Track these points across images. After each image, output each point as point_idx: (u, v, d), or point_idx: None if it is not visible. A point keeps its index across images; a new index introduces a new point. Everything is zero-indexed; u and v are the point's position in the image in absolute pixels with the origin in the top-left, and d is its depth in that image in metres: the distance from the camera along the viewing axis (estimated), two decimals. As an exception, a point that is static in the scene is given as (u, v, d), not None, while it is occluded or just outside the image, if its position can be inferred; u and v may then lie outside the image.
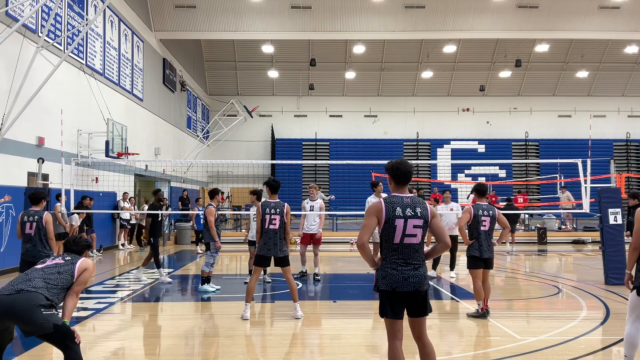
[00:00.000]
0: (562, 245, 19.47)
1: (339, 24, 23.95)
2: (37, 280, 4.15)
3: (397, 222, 4.03)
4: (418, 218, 4.07)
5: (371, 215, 4.10)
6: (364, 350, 5.99)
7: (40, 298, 4.03)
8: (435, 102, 33.49)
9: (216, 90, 33.50)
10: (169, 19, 23.36)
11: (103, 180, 15.75)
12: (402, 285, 4.00)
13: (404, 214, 4.05)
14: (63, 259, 4.54)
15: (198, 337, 6.61)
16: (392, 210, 4.05)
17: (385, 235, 4.09)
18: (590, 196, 11.01)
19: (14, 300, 3.95)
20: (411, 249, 4.07)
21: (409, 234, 4.05)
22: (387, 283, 4.03)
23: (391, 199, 4.13)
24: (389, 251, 4.09)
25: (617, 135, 33.22)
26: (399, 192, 4.20)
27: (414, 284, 4.02)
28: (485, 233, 7.29)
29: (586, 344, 6.05)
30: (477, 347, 6.19)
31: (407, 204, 4.10)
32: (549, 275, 11.64)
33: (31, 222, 7.42)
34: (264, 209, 7.27)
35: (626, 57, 30.46)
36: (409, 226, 4.04)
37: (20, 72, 11.69)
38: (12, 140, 12.04)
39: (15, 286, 4.07)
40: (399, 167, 4.20)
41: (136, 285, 10.33)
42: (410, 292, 4.02)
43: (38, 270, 4.32)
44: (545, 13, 23.98)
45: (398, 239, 4.04)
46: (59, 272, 4.33)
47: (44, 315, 3.97)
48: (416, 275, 4.03)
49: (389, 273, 4.04)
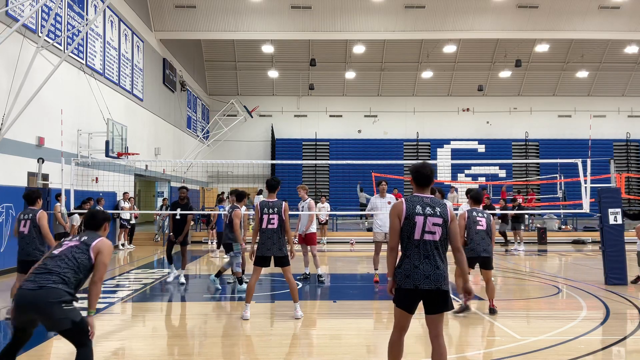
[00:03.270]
0: (562, 245, 19.47)
1: (339, 24, 23.95)
2: (55, 274, 4.08)
3: (417, 218, 4.20)
4: (438, 217, 4.22)
5: (393, 216, 4.29)
6: (364, 350, 5.99)
7: (61, 293, 4.01)
8: (435, 102, 33.49)
9: (216, 90, 33.50)
10: (169, 19, 23.36)
11: (103, 180, 15.75)
12: (423, 283, 4.12)
13: (423, 212, 4.22)
14: (79, 239, 4.38)
15: (198, 337, 6.61)
16: (412, 207, 4.24)
17: (406, 231, 4.22)
18: (590, 196, 11.00)
19: (35, 296, 3.97)
20: (431, 246, 4.19)
21: (429, 230, 4.19)
22: (410, 282, 4.15)
23: (412, 198, 4.33)
24: (410, 247, 4.21)
25: (617, 135, 33.23)
26: (420, 193, 4.38)
27: (435, 282, 4.13)
28: (484, 232, 7.49)
29: (586, 344, 6.05)
30: (477, 347, 6.19)
31: (427, 203, 4.28)
32: (549, 275, 11.64)
33: (25, 220, 7.35)
34: (262, 209, 7.25)
35: (626, 57, 30.46)
36: (428, 223, 4.19)
37: (20, 72, 11.69)
38: (12, 140, 12.04)
39: (38, 281, 4.04)
40: (420, 170, 4.40)
41: (136, 285, 10.33)
42: (431, 290, 4.13)
43: (55, 259, 4.19)
44: (545, 13, 23.98)
45: (418, 235, 4.18)
46: (75, 258, 4.22)
47: (63, 312, 3.98)
48: (437, 274, 4.14)
49: (411, 272, 4.15)
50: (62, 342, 6.24)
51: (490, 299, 7.60)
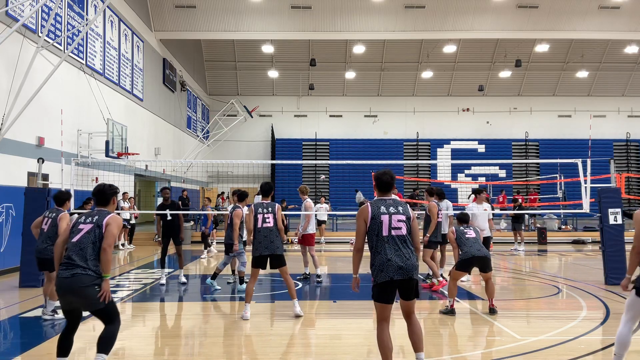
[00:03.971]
0: (562, 245, 19.47)
1: (339, 24, 23.94)
2: (82, 259, 4.55)
3: (383, 217, 4.66)
4: (401, 214, 4.71)
5: (359, 219, 4.76)
6: (364, 350, 5.98)
7: (92, 277, 4.53)
8: (435, 102, 33.49)
9: (216, 90, 33.50)
10: (169, 19, 23.36)
11: (103, 180, 15.70)
12: (397, 274, 4.54)
13: (388, 211, 4.69)
14: (91, 221, 4.72)
15: (198, 337, 6.61)
16: (377, 209, 4.71)
17: (374, 230, 4.66)
18: (590, 196, 11.00)
19: (70, 282, 4.49)
20: (400, 239, 4.63)
21: (395, 226, 4.65)
22: (385, 275, 4.54)
23: (376, 201, 4.82)
24: (380, 244, 4.63)
25: (617, 135, 33.23)
26: (383, 197, 4.87)
27: (407, 272, 4.56)
28: (474, 238, 7.73)
29: (586, 344, 6.05)
30: (477, 347, 6.19)
31: (390, 204, 4.78)
32: (549, 275, 11.64)
33: (48, 219, 7.49)
34: (257, 209, 7.34)
35: (626, 57, 30.47)
36: (393, 220, 4.65)
37: (20, 72, 11.69)
38: (12, 140, 12.04)
39: (70, 269, 4.52)
40: (381, 177, 4.90)
41: (136, 285, 10.33)
42: (404, 280, 4.56)
43: (77, 245, 4.60)
44: (545, 13, 23.98)
45: (386, 231, 4.63)
46: (93, 243, 4.62)
47: (96, 293, 4.53)
48: (408, 264, 4.57)
49: (385, 265, 4.55)
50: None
51: (490, 299, 7.62)
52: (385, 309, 4.61)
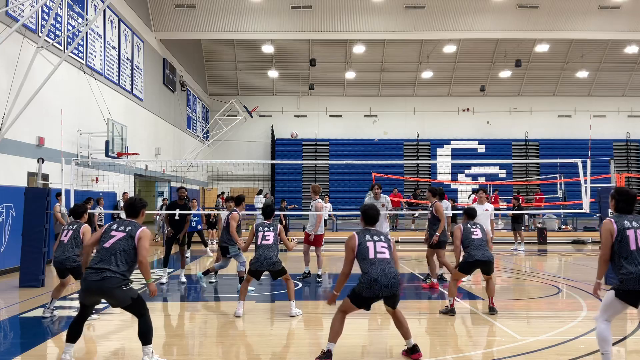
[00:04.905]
0: (562, 245, 19.46)
1: (339, 24, 23.95)
2: (112, 264, 5.05)
3: (368, 244, 5.38)
4: (383, 242, 5.45)
5: (348, 249, 5.43)
6: (364, 350, 5.98)
7: (119, 279, 5.03)
8: (435, 102, 33.49)
9: (216, 90, 33.50)
10: (169, 19, 23.36)
11: (103, 180, 15.74)
12: (383, 291, 5.24)
13: (372, 239, 5.43)
14: (124, 230, 5.22)
15: (198, 337, 6.61)
16: (363, 237, 5.43)
17: (362, 255, 5.34)
18: (590, 196, 10.99)
19: (101, 285, 4.99)
20: (385, 262, 5.31)
21: (379, 251, 5.36)
22: (371, 292, 5.23)
23: (362, 231, 5.55)
24: (368, 266, 5.28)
25: (617, 135, 33.23)
26: (368, 227, 5.60)
27: (392, 289, 5.26)
28: (480, 240, 7.66)
29: (586, 344, 6.05)
30: (477, 347, 6.19)
31: (374, 233, 5.54)
32: (549, 275, 11.64)
33: (68, 231, 7.54)
34: (257, 228, 7.72)
35: (626, 57, 30.46)
36: (377, 246, 5.38)
37: (20, 72, 11.69)
38: (12, 140, 12.04)
39: (99, 273, 5.00)
40: (368, 212, 5.64)
41: (136, 285, 10.30)
42: (388, 295, 5.29)
43: (108, 251, 5.10)
44: (545, 13, 23.98)
45: (372, 255, 5.32)
46: (125, 250, 5.12)
47: (124, 292, 5.08)
48: (393, 283, 5.25)
49: (372, 284, 5.21)
50: (62, 343, 6.24)
51: (490, 297, 7.63)
52: (353, 309, 5.38)
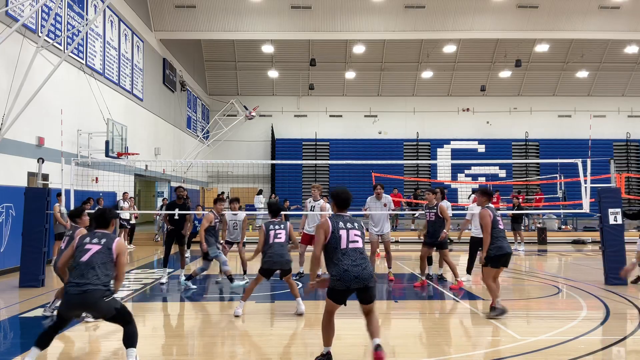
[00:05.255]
0: (562, 245, 19.46)
1: (339, 24, 23.94)
2: (93, 277, 5.02)
3: (341, 232, 5.08)
4: (357, 229, 5.17)
5: (319, 231, 5.13)
6: (364, 350, 5.98)
7: (101, 292, 5.01)
8: (435, 102, 33.47)
9: (216, 90, 33.49)
10: (169, 19, 23.35)
11: (103, 180, 15.74)
12: (354, 283, 4.95)
13: (345, 227, 5.14)
14: (99, 242, 5.21)
15: (198, 337, 6.61)
16: (336, 224, 5.14)
17: (334, 243, 5.06)
18: (590, 196, 10.99)
19: (83, 298, 4.97)
20: (357, 252, 5.04)
21: (352, 240, 5.08)
22: (342, 284, 4.96)
23: (335, 217, 5.25)
24: (339, 256, 5.01)
25: (617, 135, 33.21)
26: (340, 213, 5.32)
27: (363, 281, 4.96)
28: (504, 231, 7.42)
29: (586, 344, 6.05)
30: (477, 347, 6.19)
31: (347, 219, 5.23)
32: (549, 275, 11.64)
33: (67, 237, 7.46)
34: (268, 227, 7.62)
35: (626, 57, 30.44)
36: (351, 234, 5.09)
37: (20, 72, 11.69)
38: (12, 140, 12.04)
39: (80, 287, 4.97)
40: (340, 195, 5.36)
41: (136, 285, 10.33)
42: (360, 288, 4.98)
43: (86, 265, 5.06)
44: (545, 13, 23.98)
45: (344, 244, 5.04)
46: (104, 263, 5.12)
47: (107, 304, 5.06)
48: (364, 274, 4.96)
49: (342, 275, 4.94)
50: (62, 342, 6.24)
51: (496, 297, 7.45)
52: (335, 307, 5.17)
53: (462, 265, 13.87)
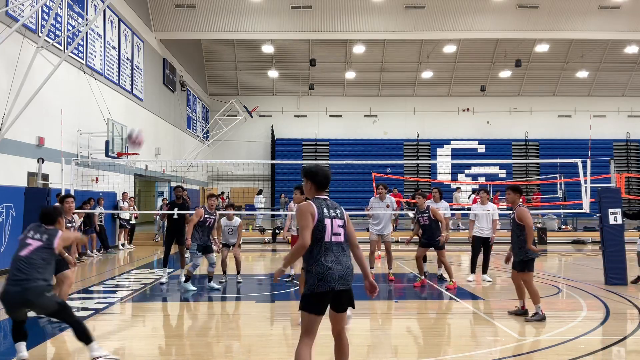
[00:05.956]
0: (562, 245, 19.46)
1: (339, 24, 23.94)
2: (32, 273, 4.93)
3: (326, 221, 4.15)
4: (339, 219, 4.23)
5: (306, 214, 4.13)
6: (364, 350, 5.98)
7: (41, 287, 4.92)
8: (435, 102, 33.48)
9: (216, 90, 33.49)
10: (169, 19, 23.35)
11: (103, 180, 15.74)
12: (338, 284, 4.07)
13: (329, 214, 4.18)
14: (40, 238, 5.17)
15: (198, 337, 6.61)
16: (321, 210, 4.16)
17: (317, 234, 4.12)
18: (590, 196, 10.99)
19: (22, 295, 4.87)
20: (340, 247, 4.17)
21: (335, 232, 4.17)
22: (325, 284, 4.05)
23: (318, 200, 4.24)
24: (320, 250, 4.11)
25: (617, 135, 33.22)
26: (321, 195, 4.31)
27: (347, 282, 4.13)
28: None
29: (586, 344, 6.04)
30: (477, 347, 6.18)
31: (330, 205, 4.26)
32: (549, 275, 11.64)
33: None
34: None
35: (626, 57, 30.45)
36: (334, 225, 4.17)
37: (20, 72, 11.69)
38: (12, 140, 12.04)
39: (20, 284, 4.89)
40: (318, 173, 4.32)
41: (136, 285, 10.33)
42: (343, 290, 4.12)
43: (25, 261, 4.98)
44: (545, 13, 23.98)
45: (328, 237, 4.13)
46: (43, 259, 5.06)
47: (49, 298, 4.97)
48: (348, 273, 4.14)
49: (325, 274, 4.05)
50: (62, 342, 6.24)
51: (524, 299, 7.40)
52: (316, 321, 4.11)
53: (463, 265, 13.88)
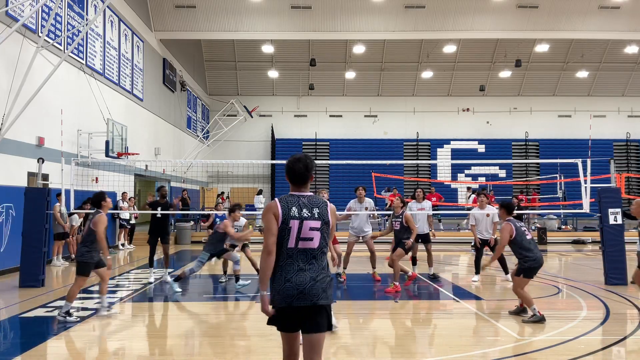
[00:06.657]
0: (562, 245, 19.46)
1: (339, 24, 23.94)
2: None
3: (292, 222, 3.55)
4: (316, 220, 3.59)
5: (268, 215, 3.59)
6: (364, 350, 5.98)
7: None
8: (435, 102, 33.48)
9: (216, 90, 33.50)
10: (169, 19, 23.35)
11: (103, 180, 15.74)
12: (296, 299, 3.46)
13: (300, 215, 3.57)
14: None
15: (198, 337, 6.61)
16: (287, 210, 3.58)
17: (280, 238, 3.56)
18: (590, 196, 11.00)
19: None
20: (308, 255, 3.55)
21: (304, 237, 3.55)
22: (282, 298, 3.48)
23: (287, 198, 3.67)
24: (283, 258, 3.55)
25: (617, 135, 33.22)
26: (297, 192, 3.71)
27: (311, 297, 3.47)
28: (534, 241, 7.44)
29: (586, 344, 6.05)
30: (477, 347, 6.19)
31: (304, 204, 3.63)
32: (549, 275, 11.64)
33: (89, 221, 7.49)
34: None
35: (626, 57, 30.45)
36: (304, 228, 3.55)
37: (20, 72, 11.69)
38: (12, 140, 12.04)
39: None
40: (293, 167, 3.73)
41: (136, 285, 10.33)
42: (306, 306, 3.48)
43: None
44: (545, 13, 23.98)
45: (293, 242, 3.54)
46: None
47: None
48: (315, 287, 3.49)
49: (282, 287, 3.49)
50: (62, 342, 6.24)
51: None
52: (290, 338, 3.57)
53: (462, 265, 13.89)
